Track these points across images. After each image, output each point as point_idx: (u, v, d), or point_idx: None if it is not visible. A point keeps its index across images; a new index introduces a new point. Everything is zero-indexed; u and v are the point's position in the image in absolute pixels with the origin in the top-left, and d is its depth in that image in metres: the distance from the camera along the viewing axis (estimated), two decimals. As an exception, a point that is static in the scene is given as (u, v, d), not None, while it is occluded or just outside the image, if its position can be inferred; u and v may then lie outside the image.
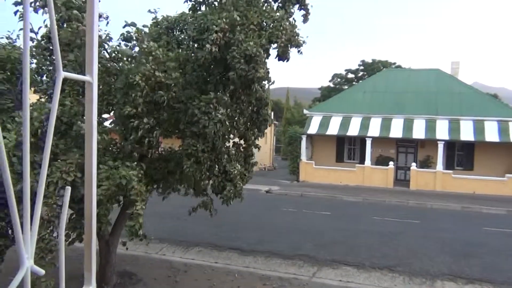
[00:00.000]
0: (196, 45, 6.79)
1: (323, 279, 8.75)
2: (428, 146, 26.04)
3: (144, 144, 6.32)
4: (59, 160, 5.38)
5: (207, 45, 6.15)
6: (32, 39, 6.08)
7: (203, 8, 7.56)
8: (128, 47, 6.85)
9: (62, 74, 0.83)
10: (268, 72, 7.17)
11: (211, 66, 6.87)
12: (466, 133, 24.24)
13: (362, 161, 26.42)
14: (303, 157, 27.06)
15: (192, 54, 6.84)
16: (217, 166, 7.40)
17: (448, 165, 25.43)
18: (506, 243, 12.17)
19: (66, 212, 0.95)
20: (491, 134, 23.86)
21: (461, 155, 26.34)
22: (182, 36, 7.29)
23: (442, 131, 24.67)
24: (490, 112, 24.80)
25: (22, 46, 6.10)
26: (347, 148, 28.77)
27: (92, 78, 0.90)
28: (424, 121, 25.46)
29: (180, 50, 6.95)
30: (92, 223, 0.99)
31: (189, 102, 6.51)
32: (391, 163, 25.57)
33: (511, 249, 11.51)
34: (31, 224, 0.82)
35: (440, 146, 24.36)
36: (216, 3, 7.40)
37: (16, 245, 0.79)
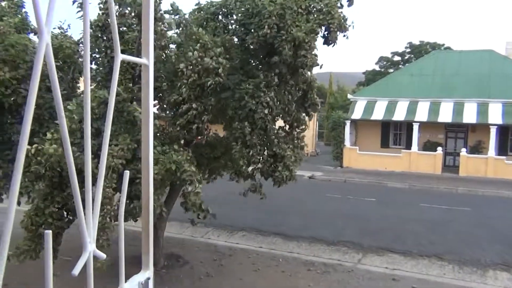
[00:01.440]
0: (243, 29, 6.75)
1: (368, 266, 8.63)
2: (479, 130, 24.91)
3: (192, 130, 6.39)
4: (110, 145, 5.55)
5: (265, 28, 6.09)
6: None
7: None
8: (175, 32, 6.92)
9: (120, 56, 0.82)
10: (317, 57, 7.05)
11: (257, 50, 6.83)
12: (521, 117, 23.00)
13: (408, 146, 25.69)
14: (347, 142, 26.64)
15: (235, 39, 6.82)
16: (266, 150, 7.39)
17: (501, 150, 24.25)
18: None
19: (125, 195, 0.96)
20: (549, 117, 22.52)
21: (515, 140, 25.04)
22: (228, 21, 7.27)
23: (495, 115, 23.51)
24: (548, 95, 23.35)
25: (82, 35, 6.26)
26: (393, 133, 28.03)
27: (148, 60, 0.90)
28: (476, 104, 24.34)
29: (226, 35, 6.94)
30: (150, 208, 1.00)
31: (236, 87, 6.51)
32: (439, 148, 24.71)
33: None
34: (92, 209, 0.82)
35: (493, 131, 23.26)
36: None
37: (79, 229, 0.80)
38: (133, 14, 6.36)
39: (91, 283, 0.83)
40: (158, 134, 6.72)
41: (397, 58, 51.65)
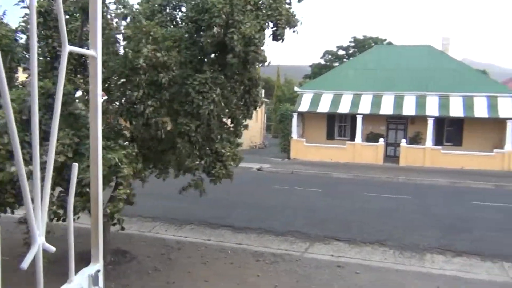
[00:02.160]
0: (193, 25, 6.67)
1: (315, 254, 8.88)
2: (418, 122, 26.21)
3: (151, 126, 6.25)
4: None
5: (214, 29, 6.05)
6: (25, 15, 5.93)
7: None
8: (123, 25, 6.72)
9: (68, 47, 0.81)
10: (266, 53, 7.11)
11: (206, 45, 6.78)
12: (456, 109, 24.43)
13: (352, 138, 26.57)
14: (294, 134, 27.12)
15: (186, 34, 6.74)
16: (209, 146, 7.38)
17: (438, 141, 25.69)
18: (494, 217, 12.42)
19: (74, 189, 0.95)
20: (480, 110, 24.08)
21: (450, 131, 26.57)
22: (176, 14, 7.15)
23: (432, 108, 24.82)
24: (479, 88, 24.97)
25: (20, 23, 5.92)
26: (338, 125, 28.88)
27: (96, 52, 0.88)
28: (415, 97, 25.57)
29: (175, 28, 6.83)
30: (99, 201, 0.99)
31: (184, 82, 6.44)
32: (381, 139, 25.76)
33: (498, 222, 11.76)
34: (41, 201, 0.81)
35: (430, 123, 24.55)
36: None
37: (28, 222, 0.79)
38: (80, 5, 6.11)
39: (40, 276, 0.82)
40: (102, 129, 6.52)
41: (341, 52, 53.05)
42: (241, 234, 10.17)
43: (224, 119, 7.83)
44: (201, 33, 6.40)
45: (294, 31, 7.07)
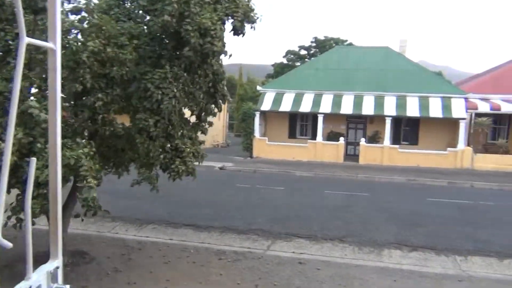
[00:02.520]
0: (148, 17, 6.58)
1: (277, 252, 8.97)
2: (376, 122, 26.91)
3: (97, 121, 6.11)
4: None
5: (165, 16, 5.96)
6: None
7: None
8: (77, 19, 6.53)
9: (26, 40, 0.79)
10: (225, 46, 7.08)
11: (164, 39, 6.69)
12: (412, 109, 25.26)
13: (314, 137, 26.96)
14: (257, 133, 27.23)
15: (145, 27, 6.63)
16: (169, 142, 7.30)
17: (395, 140, 26.48)
18: (447, 212, 12.95)
19: (31, 185, 0.93)
20: (435, 110, 25.00)
21: (407, 130, 27.47)
22: (134, 7, 7.01)
23: (389, 108, 25.55)
24: (434, 89, 25.94)
25: None
26: (300, 124, 29.24)
27: (55, 45, 0.86)
28: (373, 97, 26.24)
29: (132, 23, 6.70)
30: (58, 198, 0.97)
31: (143, 78, 6.34)
32: (341, 138, 26.27)
33: (451, 218, 12.27)
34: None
35: (388, 122, 25.26)
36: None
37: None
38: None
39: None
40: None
41: (303, 52, 53.68)
42: (203, 233, 10.12)
43: (186, 116, 7.76)
44: (151, 22, 6.30)
45: (252, 27, 7.07)
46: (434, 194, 16.23)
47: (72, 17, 6.61)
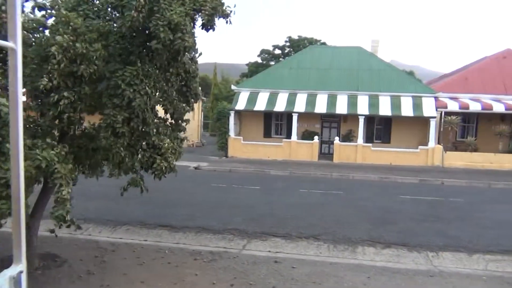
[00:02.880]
0: (115, 13, 6.46)
1: (253, 251, 8.97)
2: (350, 120, 27.27)
3: (63, 120, 5.97)
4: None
5: (132, 12, 5.85)
6: None
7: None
8: (41, 15, 6.37)
9: (-16, 39, 0.76)
10: (195, 42, 7.02)
11: (133, 36, 6.59)
12: (384, 108, 25.69)
13: (289, 136, 27.10)
14: (231, 133, 27.19)
15: (114, 24, 6.51)
16: (145, 140, 7.20)
17: (368, 138, 26.90)
18: (418, 209, 13.23)
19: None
20: (406, 109, 25.51)
21: (380, 129, 27.93)
22: (100, 5, 6.86)
23: (362, 107, 25.92)
24: (406, 89, 26.47)
25: None
26: (274, 124, 29.34)
27: (16, 44, 0.83)
28: (347, 96, 26.57)
29: (101, 21, 6.57)
30: (21, 202, 0.93)
31: (113, 75, 6.22)
32: (316, 137, 26.51)
33: (423, 214, 12.54)
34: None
35: (361, 121, 25.63)
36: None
37: None
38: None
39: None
40: (28, 126, 6.14)
41: (278, 51, 53.87)
42: (179, 233, 10.04)
43: (161, 114, 7.68)
44: (118, 19, 6.19)
45: (226, 21, 7.02)
46: (406, 192, 16.56)
47: (39, 14, 6.45)
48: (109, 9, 6.80)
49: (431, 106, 25.37)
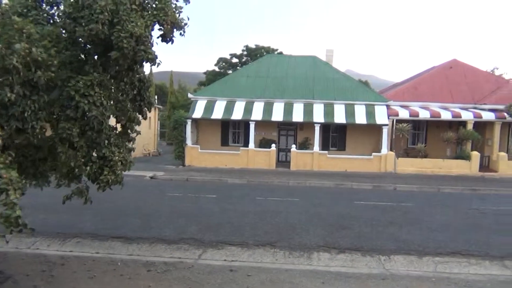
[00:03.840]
0: (71, 22, 6.28)
1: (209, 260, 8.89)
2: (306, 128, 27.68)
3: (27, 131, 5.68)
4: None
5: (94, 25, 5.72)
6: None
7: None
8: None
9: None
10: (155, 52, 6.97)
11: (86, 44, 6.43)
12: (339, 116, 26.27)
13: (246, 144, 27.16)
14: (188, 141, 26.94)
15: (63, 32, 6.32)
16: (95, 152, 7.01)
17: (324, 146, 27.38)
18: (372, 215, 13.56)
19: None
20: (360, 117, 26.20)
21: (335, 136, 28.52)
22: (53, 11, 6.67)
23: (318, 115, 26.39)
24: (360, 97, 27.22)
25: None
26: (232, 132, 29.33)
27: None
28: (303, 105, 26.98)
29: (52, 27, 6.37)
30: None
31: (65, 84, 6.03)
32: (273, 145, 26.70)
33: (376, 219, 12.86)
34: None
35: (317, 129, 26.07)
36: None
37: None
38: None
39: None
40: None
41: (235, 60, 54.05)
42: (132, 244, 9.80)
43: (112, 124, 7.51)
44: (78, 28, 6.04)
45: (181, 34, 7.04)
46: (360, 197, 16.95)
47: None
48: (66, 20, 6.60)
49: (383, 114, 26.19)
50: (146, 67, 7.47)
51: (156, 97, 36.56)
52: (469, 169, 25.05)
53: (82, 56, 6.51)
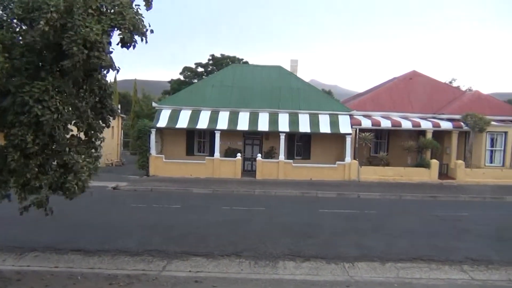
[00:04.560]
0: (23, 25, 6.08)
1: (173, 272, 8.74)
2: (271, 138, 27.82)
3: None
4: None
5: (40, 24, 5.52)
6: None
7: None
8: None
9: None
10: (112, 59, 6.81)
11: (43, 51, 6.23)
12: (304, 126, 26.57)
13: (212, 153, 27.00)
14: (153, 151, 26.52)
15: (20, 37, 6.11)
16: (55, 160, 6.78)
17: (289, 155, 27.58)
18: (337, 222, 13.73)
19: None
20: (324, 126, 26.59)
21: (300, 145, 28.79)
22: (5, 16, 6.41)
23: (283, 124, 26.59)
24: (324, 107, 27.64)
25: None
26: (197, 141, 29.10)
27: None
28: (268, 114, 27.13)
29: (4, 32, 6.13)
30: None
31: (19, 91, 5.81)
32: (238, 154, 26.67)
33: (340, 227, 13.04)
34: None
35: (282, 138, 26.25)
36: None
37: None
38: None
39: None
40: None
41: (200, 69, 53.90)
42: (94, 257, 9.52)
43: (74, 131, 7.29)
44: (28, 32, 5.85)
45: (143, 40, 6.90)
46: (325, 206, 17.14)
47: None
48: (14, 20, 6.37)
49: (346, 124, 26.69)
50: (110, 74, 7.29)
51: (119, 105, 35.85)
52: (429, 176, 25.82)
53: (38, 63, 6.29)
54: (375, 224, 13.65)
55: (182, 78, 53.84)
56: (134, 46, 6.93)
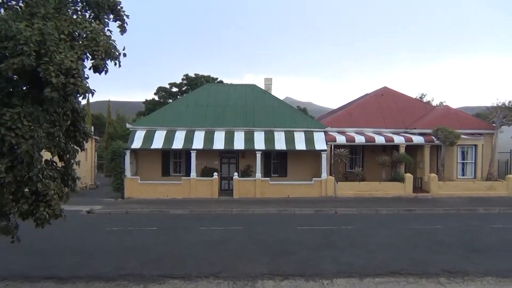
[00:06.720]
0: None
1: (150, 296, 8.55)
2: (248, 156, 27.83)
3: None
4: None
5: (21, 57, 5.46)
6: None
7: (1, 11, 6.71)
8: None
9: None
10: (87, 84, 6.75)
11: (13, 77, 6.12)
12: (279, 143, 26.71)
13: (188, 173, 26.78)
14: (128, 173, 26.12)
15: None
16: (27, 187, 6.61)
17: (266, 173, 27.61)
18: (315, 239, 13.75)
19: None
20: (300, 143, 26.79)
21: (276, 163, 28.88)
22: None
23: (259, 142, 26.67)
24: (298, 124, 27.90)
25: None
26: (173, 162, 28.84)
27: None
28: (243, 133, 27.19)
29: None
30: None
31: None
32: (215, 174, 26.54)
33: (319, 243, 13.05)
34: None
35: (258, 156, 26.29)
36: (19, 7, 6.65)
37: None
38: None
39: None
40: None
41: (175, 89, 53.76)
42: (67, 284, 9.25)
43: (47, 157, 7.14)
44: (4, 62, 5.76)
45: (116, 64, 6.89)
46: (303, 222, 17.16)
47: None
48: None
49: (321, 140, 26.96)
50: (88, 98, 7.22)
51: (92, 127, 35.33)
52: (403, 190, 26.21)
53: (8, 89, 6.18)
54: (353, 240, 13.73)
55: (156, 98, 53.54)
56: (106, 71, 6.91)
